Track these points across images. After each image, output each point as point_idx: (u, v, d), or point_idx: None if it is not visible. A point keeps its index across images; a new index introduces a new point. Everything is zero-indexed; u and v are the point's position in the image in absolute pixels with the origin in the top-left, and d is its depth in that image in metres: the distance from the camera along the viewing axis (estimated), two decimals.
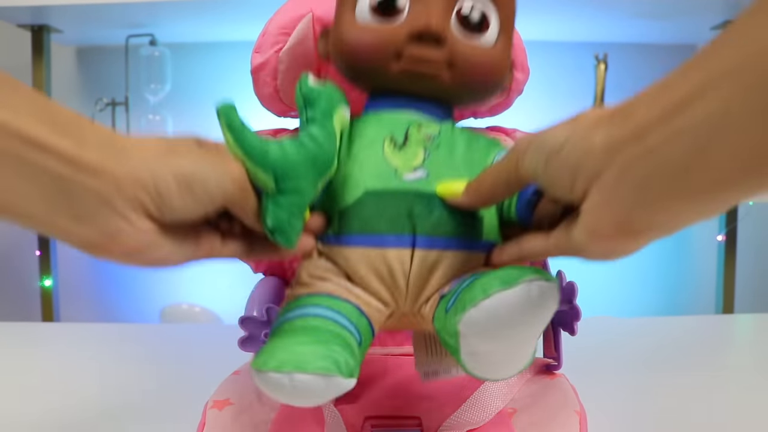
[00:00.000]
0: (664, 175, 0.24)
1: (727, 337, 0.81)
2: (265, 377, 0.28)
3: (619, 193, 0.25)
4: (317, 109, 0.35)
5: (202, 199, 0.30)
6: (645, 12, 1.40)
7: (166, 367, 0.65)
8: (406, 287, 0.36)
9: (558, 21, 1.48)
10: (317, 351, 0.29)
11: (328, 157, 0.35)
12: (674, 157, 0.23)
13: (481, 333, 0.29)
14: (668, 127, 0.23)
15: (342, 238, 0.36)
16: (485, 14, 0.39)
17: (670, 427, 0.50)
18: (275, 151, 0.33)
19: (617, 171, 0.25)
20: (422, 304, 0.36)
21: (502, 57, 0.40)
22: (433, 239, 0.35)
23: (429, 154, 0.38)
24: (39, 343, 0.77)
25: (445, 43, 0.37)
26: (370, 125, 0.39)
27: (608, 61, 1.51)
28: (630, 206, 0.25)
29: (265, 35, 0.49)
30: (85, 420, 0.52)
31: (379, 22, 0.38)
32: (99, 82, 1.69)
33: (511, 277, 0.28)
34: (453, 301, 0.31)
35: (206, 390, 0.46)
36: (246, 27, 1.47)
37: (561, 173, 0.28)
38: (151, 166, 0.29)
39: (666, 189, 0.24)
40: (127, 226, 0.28)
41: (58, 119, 0.27)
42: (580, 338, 0.46)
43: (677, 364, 0.66)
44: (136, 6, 1.31)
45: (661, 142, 0.23)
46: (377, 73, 0.39)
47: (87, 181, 0.27)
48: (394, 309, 0.36)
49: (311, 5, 0.49)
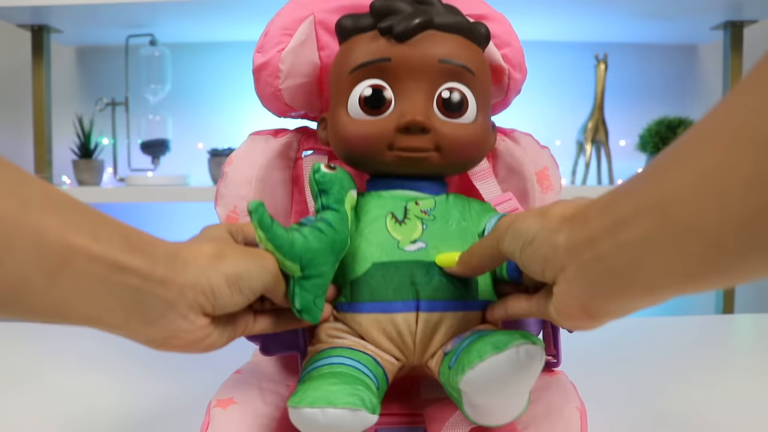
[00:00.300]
0: (611, 276, 0.28)
1: (727, 337, 0.81)
2: (300, 412, 0.33)
3: (579, 285, 0.30)
4: (331, 197, 0.40)
5: (247, 295, 0.36)
6: (645, 12, 1.40)
7: (166, 367, 0.65)
8: (414, 345, 0.40)
9: (558, 21, 1.48)
10: (345, 389, 0.34)
11: (343, 240, 0.39)
12: (619, 264, 0.27)
13: (478, 390, 0.34)
14: (614, 239, 0.27)
15: (354, 305, 0.41)
16: (463, 96, 0.43)
17: (669, 427, 0.50)
18: (300, 243, 0.37)
19: (576, 269, 0.30)
20: (429, 359, 0.41)
21: (483, 130, 0.44)
22: (434, 303, 0.40)
23: (426, 227, 0.42)
24: (39, 343, 0.77)
25: (431, 130, 0.42)
26: (373, 203, 0.44)
27: (608, 61, 1.51)
28: (589, 296, 0.30)
29: (267, 35, 0.49)
30: (86, 420, 0.52)
31: (370, 117, 0.43)
32: (99, 82, 1.69)
33: (502, 342, 0.33)
34: (454, 360, 0.36)
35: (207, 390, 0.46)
36: (246, 27, 1.47)
37: (533, 262, 0.33)
38: (207, 273, 0.34)
39: (614, 287, 0.28)
40: (187, 325, 0.34)
41: (131, 240, 0.31)
42: (580, 337, 0.46)
43: (677, 364, 0.66)
44: (136, 6, 1.31)
45: (608, 251, 0.27)
46: (373, 161, 0.43)
47: (157, 291, 0.32)
48: (404, 363, 0.41)
49: (312, 7, 0.49)
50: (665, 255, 0.25)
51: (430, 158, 0.42)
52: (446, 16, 0.43)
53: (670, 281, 0.26)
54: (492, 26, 0.49)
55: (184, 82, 1.64)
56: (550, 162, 0.52)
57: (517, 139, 0.52)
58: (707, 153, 0.23)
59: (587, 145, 1.52)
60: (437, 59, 0.42)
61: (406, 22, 0.41)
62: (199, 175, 1.63)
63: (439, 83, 0.42)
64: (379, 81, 0.43)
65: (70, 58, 1.71)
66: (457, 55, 0.42)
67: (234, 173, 0.50)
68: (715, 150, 0.23)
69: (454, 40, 0.43)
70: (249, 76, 0.50)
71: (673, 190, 0.24)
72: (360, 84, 0.43)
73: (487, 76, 0.45)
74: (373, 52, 0.42)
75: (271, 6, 0.51)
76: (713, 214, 0.22)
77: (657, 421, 0.51)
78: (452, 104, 0.42)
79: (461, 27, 0.43)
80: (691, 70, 1.69)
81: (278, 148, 0.51)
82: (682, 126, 1.46)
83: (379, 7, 0.43)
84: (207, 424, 0.42)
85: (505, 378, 0.33)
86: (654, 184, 0.26)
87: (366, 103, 0.42)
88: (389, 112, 0.42)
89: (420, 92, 0.42)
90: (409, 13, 0.42)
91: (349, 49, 0.44)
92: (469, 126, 0.43)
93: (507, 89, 0.50)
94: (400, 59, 0.42)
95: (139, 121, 1.58)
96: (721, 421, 0.51)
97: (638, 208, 0.26)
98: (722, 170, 0.22)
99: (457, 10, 0.45)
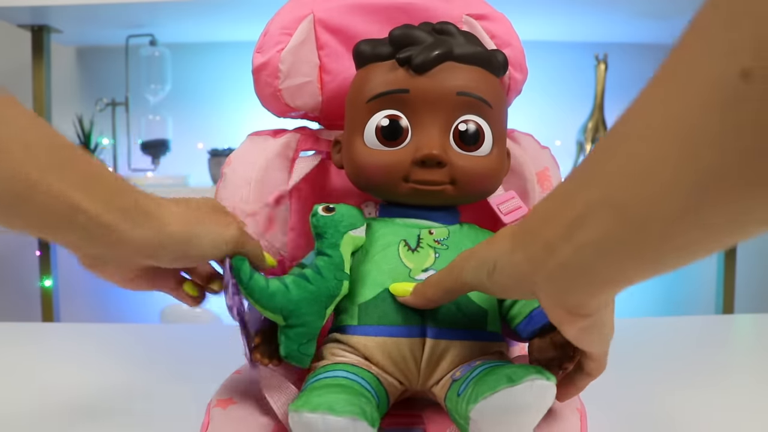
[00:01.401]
0: (581, 276, 0.28)
1: (727, 337, 0.81)
2: (300, 416, 0.33)
3: (553, 293, 0.30)
4: (325, 242, 0.41)
5: (192, 262, 0.41)
6: (645, 12, 1.40)
7: (166, 367, 0.65)
8: (418, 371, 0.40)
9: (558, 21, 1.48)
10: (346, 399, 0.34)
11: (331, 287, 0.40)
12: (584, 264, 0.27)
13: (489, 421, 0.34)
14: (572, 243, 0.27)
15: (361, 328, 0.41)
16: (480, 128, 0.42)
17: (669, 427, 0.50)
18: (280, 295, 0.39)
19: (544, 278, 0.30)
20: (433, 385, 0.41)
21: (498, 162, 0.44)
22: (441, 330, 0.40)
23: (439, 255, 0.42)
24: (39, 343, 0.77)
25: (447, 164, 0.41)
26: (386, 230, 0.44)
27: (608, 61, 1.51)
28: (567, 299, 0.30)
29: (267, 35, 0.49)
30: (86, 420, 0.52)
31: (386, 147, 0.42)
32: (99, 83, 1.69)
33: (517, 375, 0.33)
34: (464, 387, 0.36)
35: (207, 390, 0.46)
36: (246, 27, 1.47)
37: (502, 287, 0.33)
38: (160, 237, 0.36)
39: (588, 285, 0.29)
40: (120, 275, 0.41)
41: (115, 189, 0.34)
42: None
43: (677, 364, 0.66)
44: (136, 6, 1.31)
45: (570, 256, 0.27)
46: (387, 191, 0.44)
47: (100, 233, 0.34)
48: (407, 387, 0.41)
49: (312, 6, 0.49)
50: (625, 248, 0.25)
51: (445, 191, 0.42)
52: (466, 47, 0.42)
53: (635, 270, 0.26)
54: (492, 26, 0.49)
55: (184, 82, 1.64)
56: (551, 162, 0.52)
57: (518, 140, 0.52)
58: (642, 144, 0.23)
59: (588, 145, 1.52)
60: (455, 92, 0.42)
61: (425, 54, 0.41)
62: (199, 175, 1.62)
63: (457, 115, 0.42)
64: (396, 111, 0.42)
65: (70, 58, 1.71)
66: (475, 87, 0.42)
67: (233, 174, 0.50)
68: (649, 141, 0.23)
69: (473, 71, 0.42)
70: (249, 76, 0.50)
71: (620, 185, 0.24)
72: (377, 114, 0.42)
73: (503, 107, 0.45)
74: (392, 82, 0.42)
75: (271, 6, 0.51)
76: (661, 203, 0.23)
77: (657, 421, 0.51)
78: (468, 137, 0.42)
79: (480, 58, 0.43)
80: None
81: (277, 148, 0.51)
82: None
83: (399, 36, 0.42)
84: (207, 423, 0.42)
85: (515, 411, 0.33)
86: (598, 180, 0.26)
87: (383, 134, 0.42)
88: (405, 144, 0.42)
89: (437, 125, 0.42)
90: (428, 44, 0.42)
91: (367, 76, 0.44)
92: (484, 159, 0.43)
93: (507, 90, 0.50)
94: (418, 91, 0.41)
95: (139, 122, 1.58)
96: (722, 421, 0.51)
97: (590, 206, 0.26)
98: (656, 160, 0.23)
99: (476, 39, 0.44)
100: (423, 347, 0.40)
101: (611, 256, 0.26)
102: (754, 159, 0.20)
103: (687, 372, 0.63)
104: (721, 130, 0.20)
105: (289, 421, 0.33)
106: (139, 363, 0.66)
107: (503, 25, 0.49)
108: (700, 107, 0.21)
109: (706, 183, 0.21)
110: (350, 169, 0.45)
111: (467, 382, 0.36)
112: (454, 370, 0.40)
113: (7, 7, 1.30)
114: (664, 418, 0.52)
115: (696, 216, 0.22)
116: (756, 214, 0.21)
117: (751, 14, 0.19)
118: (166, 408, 0.54)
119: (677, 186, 0.22)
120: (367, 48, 0.44)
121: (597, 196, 0.26)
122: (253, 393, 0.45)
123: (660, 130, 0.22)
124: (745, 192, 0.20)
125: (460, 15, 0.49)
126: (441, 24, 0.44)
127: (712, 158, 0.20)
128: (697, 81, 0.21)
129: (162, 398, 0.56)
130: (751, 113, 0.19)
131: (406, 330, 0.40)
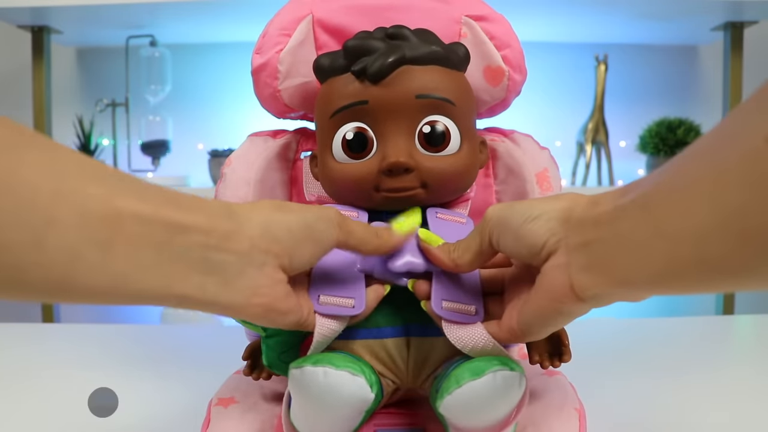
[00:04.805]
0: (609, 262, 0.29)
1: (727, 338, 0.81)
2: (301, 370, 0.33)
3: (577, 261, 0.30)
4: None
5: (322, 244, 0.35)
6: (645, 13, 1.40)
7: (166, 367, 0.65)
8: (407, 370, 0.41)
9: (558, 21, 1.49)
10: (348, 359, 0.35)
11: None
12: (615, 253, 0.28)
13: (456, 415, 0.34)
14: (612, 228, 0.29)
15: (345, 332, 0.40)
16: (445, 128, 0.42)
17: (669, 428, 0.50)
18: None
19: (579, 243, 0.30)
20: (423, 382, 0.41)
21: (468, 158, 0.44)
22: (424, 328, 0.41)
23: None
24: (39, 344, 0.77)
25: (414, 168, 0.41)
26: None
27: (608, 62, 1.51)
28: (582, 275, 0.30)
29: (266, 36, 0.49)
30: (86, 421, 0.52)
31: (354, 160, 0.43)
32: (99, 83, 1.69)
33: (480, 368, 0.33)
34: (439, 384, 0.36)
35: (207, 390, 0.46)
36: (246, 27, 1.47)
37: (533, 235, 0.32)
38: (272, 224, 0.32)
39: (609, 272, 0.29)
40: (266, 279, 0.32)
41: (180, 200, 0.30)
42: (580, 339, 0.46)
43: (677, 365, 0.66)
44: (136, 6, 1.31)
45: (607, 238, 0.29)
46: (362, 200, 0.43)
47: (227, 245, 0.30)
48: (399, 385, 0.42)
49: (311, 7, 0.49)
50: (652, 251, 0.26)
51: (417, 195, 0.42)
52: (420, 48, 0.42)
53: (657, 278, 0.27)
54: (491, 27, 0.49)
55: (184, 82, 1.64)
56: (550, 163, 0.52)
57: (517, 141, 0.52)
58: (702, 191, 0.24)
59: (587, 146, 1.52)
60: (414, 95, 0.41)
61: (380, 62, 0.41)
62: (199, 175, 1.63)
63: (419, 119, 0.42)
64: (359, 123, 0.42)
65: (70, 59, 1.71)
66: (434, 87, 0.42)
67: (233, 174, 0.50)
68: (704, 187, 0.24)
69: (430, 71, 0.42)
70: (249, 77, 0.50)
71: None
72: (342, 128, 0.42)
73: (468, 102, 0.45)
74: (351, 95, 0.42)
75: (271, 6, 0.51)
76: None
77: (656, 422, 0.51)
78: (434, 138, 0.42)
79: (436, 56, 0.42)
80: (692, 71, 1.69)
81: (277, 149, 0.51)
82: (683, 127, 1.46)
83: (352, 47, 0.42)
84: (207, 423, 0.42)
85: (481, 403, 0.33)
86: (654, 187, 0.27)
87: (348, 147, 0.42)
88: (372, 155, 0.42)
89: (401, 131, 0.42)
90: (382, 51, 0.41)
91: (328, 91, 0.44)
92: (453, 157, 0.43)
93: (507, 91, 0.50)
94: (377, 100, 0.41)
95: (139, 122, 1.58)
96: (721, 421, 0.51)
97: (630, 203, 0.27)
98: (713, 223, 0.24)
99: (432, 37, 0.44)
100: (408, 346, 0.41)
101: (637, 254, 0.27)
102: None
103: (687, 372, 0.63)
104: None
105: (289, 378, 0.34)
106: (139, 363, 0.66)
107: (502, 26, 0.49)
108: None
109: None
110: (324, 182, 0.45)
111: (442, 379, 0.37)
112: (439, 368, 0.40)
113: (7, 7, 1.30)
114: (664, 419, 0.52)
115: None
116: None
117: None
118: (166, 408, 0.54)
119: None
120: (326, 62, 0.44)
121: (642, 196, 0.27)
122: (254, 392, 0.45)
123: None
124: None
125: (459, 16, 0.49)
126: (394, 28, 0.43)
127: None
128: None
129: (162, 398, 0.56)
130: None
131: (391, 331, 0.41)
